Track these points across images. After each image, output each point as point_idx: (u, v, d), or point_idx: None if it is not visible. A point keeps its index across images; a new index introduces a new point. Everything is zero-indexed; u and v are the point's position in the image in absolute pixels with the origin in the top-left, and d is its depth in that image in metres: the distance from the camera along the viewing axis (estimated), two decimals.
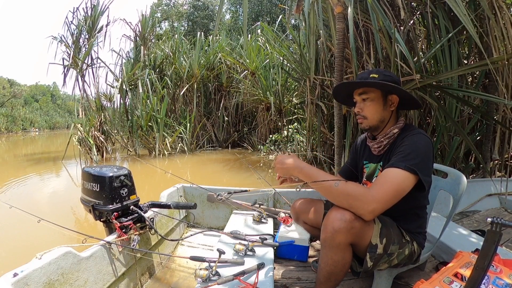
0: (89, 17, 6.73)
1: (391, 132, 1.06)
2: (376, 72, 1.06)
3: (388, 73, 1.06)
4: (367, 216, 0.90)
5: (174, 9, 18.65)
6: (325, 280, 1.01)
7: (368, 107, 1.07)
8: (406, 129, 1.06)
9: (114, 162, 6.81)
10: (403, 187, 0.89)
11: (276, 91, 6.76)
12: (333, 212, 0.94)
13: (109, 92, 8.17)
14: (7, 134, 26.79)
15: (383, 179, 0.90)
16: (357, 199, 0.88)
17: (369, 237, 0.96)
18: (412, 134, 0.99)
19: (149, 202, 1.49)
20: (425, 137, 0.98)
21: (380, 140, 1.09)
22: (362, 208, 0.88)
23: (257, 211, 1.82)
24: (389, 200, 0.87)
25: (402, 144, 0.98)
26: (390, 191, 0.87)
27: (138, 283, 1.36)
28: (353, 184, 0.92)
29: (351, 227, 0.91)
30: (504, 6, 1.95)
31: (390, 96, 1.06)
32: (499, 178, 2.34)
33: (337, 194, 0.91)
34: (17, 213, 1.31)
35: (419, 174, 0.89)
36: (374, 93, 1.06)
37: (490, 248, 0.58)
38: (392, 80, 1.03)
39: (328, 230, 0.93)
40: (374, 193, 0.87)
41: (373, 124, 1.08)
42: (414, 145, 0.95)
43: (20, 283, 0.85)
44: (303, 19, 3.64)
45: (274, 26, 7.03)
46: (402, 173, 0.89)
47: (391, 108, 1.07)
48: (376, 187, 0.89)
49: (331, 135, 3.81)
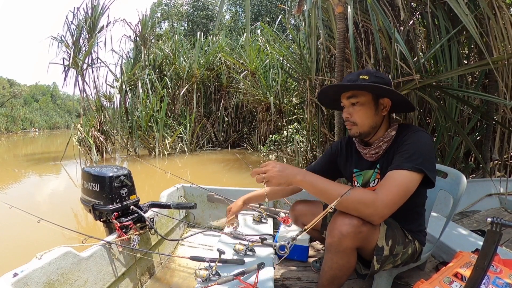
0: (90, 17, 6.72)
1: (389, 134, 1.01)
2: (366, 73, 0.98)
3: (379, 74, 0.99)
4: (377, 221, 0.89)
5: (174, 9, 18.65)
6: (328, 283, 1.00)
7: (358, 112, 0.99)
8: (403, 130, 1.01)
9: (114, 162, 6.81)
10: (411, 188, 0.88)
11: (276, 91, 6.76)
12: (340, 216, 0.91)
13: (109, 92, 8.18)
14: (7, 134, 26.79)
15: (390, 182, 0.87)
16: (368, 206, 0.85)
17: (375, 240, 0.94)
18: (413, 132, 0.96)
19: (149, 202, 1.49)
20: (426, 134, 0.96)
21: (378, 146, 1.03)
22: (373, 214, 0.86)
23: (257, 211, 1.82)
24: (397, 203, 0.86)
25: (404, 143, 0.94)
26: (399, 194, 0.85)
27: (138, 283, 1.36)
28: (361, 190, 0.89)
29: (359, 232, 0.88)
30: (504, 6, 1.95)
31: (382, 100, 0.99)
32: (499, 178, 2.34)
33: (348, 203, 0.87)
34: (17, 213, 1.31)
35: (426, 172, 0.88)
36: (364, 96, 0.97)
37: (490, 248, 0.58)
38: (383, 82, 0.96)
39: (335, 235, 0.91)
40: (383, 198, 0.85)
41: (364, 130, 1.01)
42: (417, 143, 0.92)
43: (20, 283, 0.85)
44: (303, 19, 3.64)
45: (274, 26, 7.03)
46: (409, 175, 0.87)
47: (383, 113, 1.00)
48: (384, 192, 0.86)
49: (331, 135, 3.81)
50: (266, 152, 6.88)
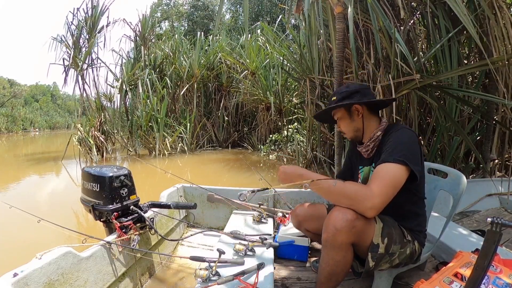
0: (90, 17, 6.73)
1: (375, 135, 1.11)
2: (335, 94, 1.17)
3: (344, 89, 1.15)
4: (369, 212, 0.91)
5: (174, 9, 18.65)
6: (325, 280, 1.02)
7: (342, 124, 1.19)
8: (390, 129, 1.09)
9: (114, 162, 6.81)
10: (398, 178, 0.92)
11: (276, 91, 6.76)
12: (335, 211, 0.95)
13: (109, 92, 8.18)
14: (7, 134, 26.81)
15: (376, 175, 0.93)
16: (356, 197, 0.91)
17: (371, 237, 0.96)
18: (395, 131, 1.04)
19: (149, 202, 1.49)
20: (408, 131, 1.03)
21: (366, 145, 1.14)
22: (362, 204, 0.90)
23: (257, 211, 1.82)
24: (386, 193, 0.89)
25: (388, 141, 1.02)
26: (385, 184, 0.90)
27: (138, 283, 1.36)
28: (351, 183, 0.97)
29: (352, 226, 0.91)
30: (504, 6, 1.95)
31: (353, 107, 1.13)
32: (499, 178, 2.34)
33: (336, 193, 0.95)
34: (17, 213, 1.31)
35: (409, 164, 0.92)
36: (339, 112, 1.17)
37: (490, 248, 0.58)
38: (349, 93, 1.12)
39: (330, 230, 0.94)
40: (371, 188, 0.90)
41: (351, 136, 1.18)
42: (397, 139, 1.00)
43: (20, 283, 0.85)
44: (303, 19, 3.64)
45: (274, 26, 7.03)
46: (392, 166, 0.92)
47: (358, 117, 1.14)
48: (372, 183, 0.91)
49: (331, 135, 3.81)
50: (267, 152, 6.88)
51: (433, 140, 2.64)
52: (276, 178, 4.99)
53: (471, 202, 2.25)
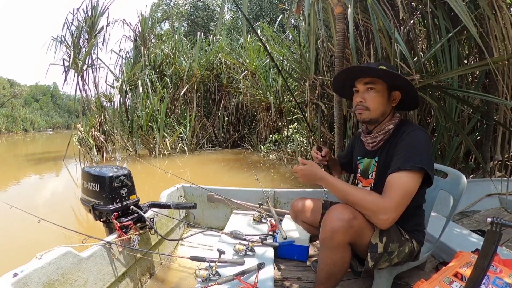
0: (89, 18, 6.73)
1: (386, 128, 1.05)
2: (385, 65, 1.03)
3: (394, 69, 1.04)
4: (383, 225, 0.91)
5: (174, 9, 18.66)
6: (324, 280, 1.02)
7: (373, 98, 1.03)
8: (402, 125, 1.04)
9: (114, 162, 6.81)
10: (413, 187, 0.90)
11: (276, 91, 6.76)
12: (332, 211, 0.95)
13: (109, 92, 8.18)
14: (7, 134, 26.81)
15: (396, 186, 0.90)
16: (374, 208, 0.90)
17: (368, 236, 0.96)
18: (410, 131, 0.98)
19: (149, 202, 1.49)
20: (423, 133, 0.98)
21: (374, 136, 1.08)
22: (379, 217, 0.90)
23: (257, 211, 1.82)
24: (401, 205, 0.89)
25: (401, 143, 0.97)
26: (401, 197, 0.88)
27: (138, 283, 1.36)
28: (369, 192, 0.95)
29: (349, 226, 0.91)
30: (504, 6, 1.95)
31: (394, 92, 1.05)
32: (499, 178, 2.34)
33: (353, 201, 0.95)
34: (17, 213, 1.31)
35: (427, 170, 0.90)
36: (381, 85, 1.02)
37: (490, 248, 0.58)
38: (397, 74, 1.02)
39: (327, 230, 0.94)
40: (387, 204, 0.89)
41: (375, 116, 1.05)
42: (414, 142, 0.94)
43: (20, 283, 0.85)
44: (303, 19, 3.64)
45: (274, 26, 7.03)
46: (411, 175, 0.89)
47: (392, 104, 1.06)
48: (388, 196, 0.89)
49: (331, 135, 3.81)
50: (267, 152, 6.88)
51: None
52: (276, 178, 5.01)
53: (471, 202, 2.25)
